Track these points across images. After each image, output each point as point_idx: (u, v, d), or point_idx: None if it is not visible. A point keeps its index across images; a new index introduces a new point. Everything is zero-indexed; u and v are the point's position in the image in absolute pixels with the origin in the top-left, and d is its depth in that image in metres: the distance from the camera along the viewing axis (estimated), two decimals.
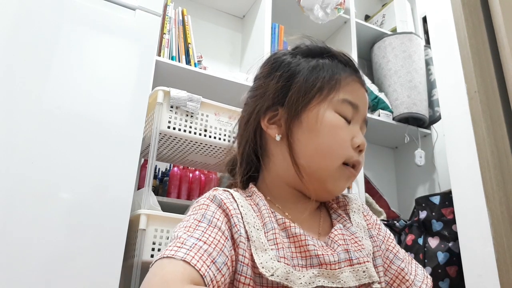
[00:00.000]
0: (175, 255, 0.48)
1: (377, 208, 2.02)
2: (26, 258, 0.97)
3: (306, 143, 0.63)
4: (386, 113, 2.10)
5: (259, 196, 0.63)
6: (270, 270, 0.53)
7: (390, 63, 2.17)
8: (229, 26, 2.21)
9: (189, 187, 1.71)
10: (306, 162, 0.63)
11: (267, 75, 0.68)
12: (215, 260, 0.49)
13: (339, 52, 0.69)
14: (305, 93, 0.63)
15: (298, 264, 0.56)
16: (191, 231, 0.52)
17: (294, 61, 0.67)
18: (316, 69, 0.65)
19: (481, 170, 1.23)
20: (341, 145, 0.62)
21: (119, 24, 1.25)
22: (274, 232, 0.58)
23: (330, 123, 0.62)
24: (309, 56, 0.68)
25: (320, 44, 0.69)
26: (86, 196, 1.07)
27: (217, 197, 0.59)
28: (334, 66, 0.66)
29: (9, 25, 1.10)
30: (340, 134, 0.63)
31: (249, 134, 0.68)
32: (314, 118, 0.63)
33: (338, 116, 0.63)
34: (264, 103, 0.66)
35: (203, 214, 0.56)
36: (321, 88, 0.63)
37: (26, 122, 1.05)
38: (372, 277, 0.59)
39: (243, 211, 0.59)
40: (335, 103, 0.63)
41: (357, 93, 0.66)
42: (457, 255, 1.44)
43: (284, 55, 0.69)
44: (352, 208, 0.69)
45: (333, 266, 0.57)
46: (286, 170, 0.64)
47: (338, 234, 0.62)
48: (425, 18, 2.17)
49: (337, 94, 0.63)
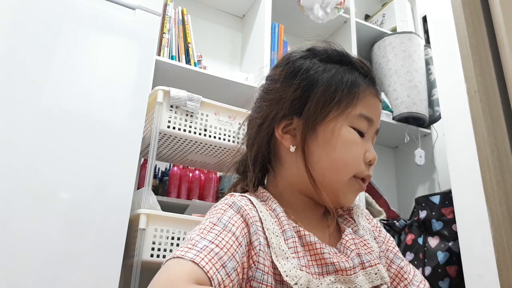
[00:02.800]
0: (185, 256, 0.48)
1: (377, 208, 2.02)
2: (26, 258, 0.97)
3: (320, 156, 0.62)
4: (386, 112, 2.10)
5: (276, 202, 0.63)
6: (294, 279, 0.54)
7: (390, 63, 2.17)
8: (229, 25, 2.21)
9: (189, 187, 1.71)
10: (320, 176, 0.63)
11: (284, 80, 0.66)
12: (225, 264, 0.49)
13: (358, 59, 0.68)
14: (323, 106, 0.62)
15: (315, 272, 0.57)
16: (204, 234, 0.52)
17: (313, 68, 0.65)
18: (335, 80, 0.64)
19: (481, 170, 1.23)
20: (354, 161, 0.63)
21: (119, 23, 1.25)
22: (294, 241, 0.58)
23: (346, 139, 0.62)
24: (328, 62, 0.66)
25: (339, 49, 0.68)
26: (86, 195, 1.07)
27: (237, 203, 0.58)
28: (353, 77, 0.65)
29: (9, 24, 1.10)
30: (355, 150, 0.63)
31: (262, 139, 0.67)
32: (330, 133, 0.62)
33: (353, 131, 0.63)
34: (279, 110, 0.65)
35: (219, 218, 0.56)
36: (339, 101, 0.63)
37: (26, 122, 1.05)
38: (384, 278, 0.61)
39: (262, 217, 0.59)
40: (351, 118, 0.63)
41: (374, 106, 0.66)
42: (457, 255, 1.44)
43: (301, 58, 0.67)
44: (356, 212, 0.71)
45: (349, 272, 0.58)
46: (298, 178, 0.64)
47: (349, 239, 0.63)
48: (425, 18, 2.17)
49: (354, 109, 0.63)
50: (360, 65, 0.67)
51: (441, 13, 1.49)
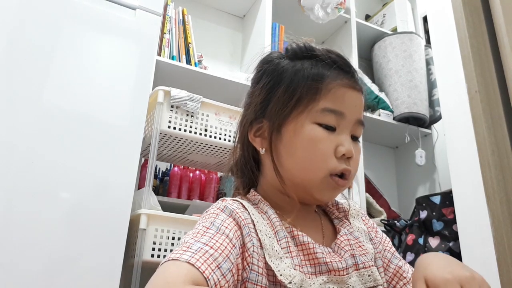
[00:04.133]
0: (180, 258, 0.48)
1: (377, 208, 2.02)
2: (26, 258, 0.97)
3: (287, 157, 0.62)
4: (387, 112, 2.10)
5: (267, 205, 0.63)
6: (288, 278, 0.54)
7: (391, 63, 2.17)
8: (229, 25, 2.21)
9: (190, 187, 1.71)
10: (290, 175, 0.62)
11: (254, 83, 0.68)
12: (220, 265, 0.49)
13: (324, 50, 0.64)
14: (283, 106, 0.61)
15: (308, 272, 0.57)
16: (198, 237, 0.53)
17: (277, 69, 0.64)
18: (297, 78, 0.62)
19: (481, 170, 1.23)
20: (321, 158, 0.60)
21: (120, 23, 1.25)
22: (287, 241, 0.58)
23: (309, 137, 0.60)
24: (294, 59, 0.65)
25: (304, 44, 0.65)
26: (87, 196, 1.07)
27: (228, 207, 0.59)
28: (316, 71, 0.62)
29: (9, 24, 1.10)
30: (320, 146, 0.60)
31: (242, 143, 0.68)
32: (292, 132, 0.61)
33: (317, 127, 0.60)
34: (251, 114, 0.66)
35: (212, 221, 0.56)
36: (300, 99, 0.61)
37: (26, 122, 1.05)
38: (377, 280, 0.61)
39: (254, 219, 0.59)
40: (314, 114, 0.60)
41: (342, 98, 0.61)
42: (457, 255, 1.44)
43: (270, 60, 0.67)
44: (352, 213, 0.71)
45: (342, 273, 0.58)
46: (274, 179, 0.64)
47: (344, 240, 0.63)
48: (426, 18, 2.17)
49: (317, 104, 0.60)
50: (326, 56, 0.63)
51: (441, 13, 1.49)
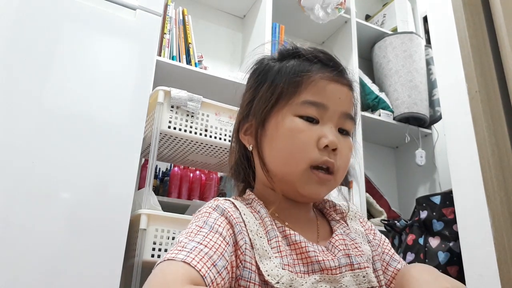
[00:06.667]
0: (176, 257, 0.48)
1: (377, 208, 2.02)
2: (27, 258, 0.97)
3: (270, 151, 0.63)
4: (387, 113, 2.10)
5: (260, 204, 0.63)
6: (275, 278, 0.54)
7: (391, 63, 2.17)
8: (229, 26, 2.21)
9: (190, 187, 1.71)
10: (274, 170, 0.63)
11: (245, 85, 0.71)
12: (216, 263, 0.50)
13: (309, 49, 0.66)
14: (265, 101, 0.64)
15: (300, 271, 0.57)
16: (192, 236, 0.53)
17: (265, 68, 0.67)
18: (279, 74, 0.64)
19: (482, 170, 1.23)
20: (302, 149, 0.60)
21: (120, 24, 1.25)
22: (277, 240, 0.58)
23: (289, 128, 0.61)
24: (282, 60, 0.67)
25: (290, 45, 0.68)
26: (87, 196, 1.07)
27: (220, 206, 0.59)
28: (297, 66, 0.64)
29: (9, 24, 1.10)
30: (300, 137, 0.60)
31: (236, 144, 0.71)
32: (274, 126, 0.63)
33: (298, 119, 0.61)
34: (240, 114, 0.69)
35: (204, 221, 0.56)
36: (281, 94, 0.63)
37: (26, 122, 1.05)
38: (372, 282, 0.60)
39: (246, 219, 0.59)
40: (295, 107, 0.62)
41: (324, 90, 0.62)
42: (458, 255, 1.44)
43: (260, 63, 0.70)
44: (349, 215, 0.71)
45: (334, 271, 0.58)
46: (264, 176, 0.65)
47: (339, 239, 0.63)
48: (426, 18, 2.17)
49: (298, 98, 0.62)
50: (309, 53, 0.65)
51: (441, 13, 1.49)
